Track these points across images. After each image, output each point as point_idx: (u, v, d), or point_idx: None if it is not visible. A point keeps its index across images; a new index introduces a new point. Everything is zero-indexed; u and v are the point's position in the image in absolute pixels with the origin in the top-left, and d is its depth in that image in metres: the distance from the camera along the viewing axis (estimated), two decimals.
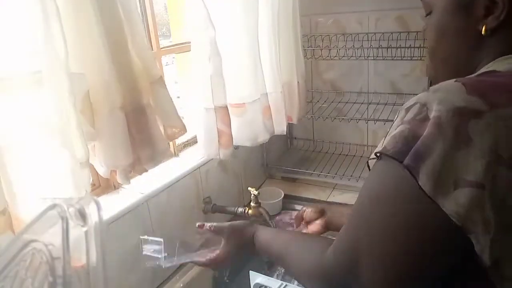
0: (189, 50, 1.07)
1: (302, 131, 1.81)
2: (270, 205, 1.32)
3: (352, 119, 1.55)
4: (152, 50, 1.07)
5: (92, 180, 1.00)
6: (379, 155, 0.49)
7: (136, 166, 0.85)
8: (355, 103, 1.64)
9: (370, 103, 1.61)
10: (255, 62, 1.17)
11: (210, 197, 1.24)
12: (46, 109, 0.67)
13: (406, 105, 0.49)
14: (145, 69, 0.84)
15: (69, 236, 0.47)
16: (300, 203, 1.40)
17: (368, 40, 1.48)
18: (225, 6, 1.09)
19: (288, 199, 1.42)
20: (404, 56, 1.39)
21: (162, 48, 1.11)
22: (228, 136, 1.12)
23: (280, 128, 1.36)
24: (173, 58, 1.38)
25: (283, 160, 1.72)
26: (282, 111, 1.35)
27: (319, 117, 1.64)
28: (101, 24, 0.72)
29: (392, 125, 0.50)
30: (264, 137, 1.26)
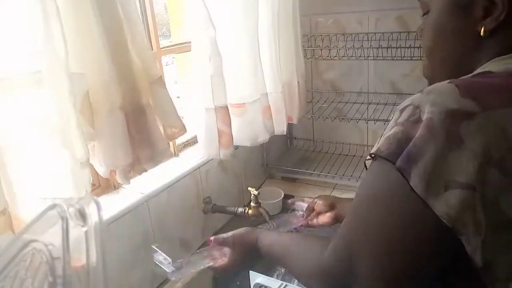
0: (189, 50, 1.07)
1: (302, 131, 1.81)
2: (270, 205, 1.32)
3: (352, 119, 1.55)
4: (152, 50, 1.07)
5: (92, 180, 1.00)
6: (374, 156, 0.49)
7: (135, 166, 0.85)
8: (355, 103, 1.64)
9: (370, 103, 1.61)
10: (255, 62, 1.17)
11: (210, 197, 1.24)
12: (46, 109, 0.67)
13: (400, 106, 0.49)
14: (144, 69, 0.84)
15: (69, 236, 0.46)
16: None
17: (368, 40, 1.48)
18: (225, 6, 1.09)
19: (288, 199, 1.41)
20: (404, 56, 1.39)
21: (162, 48, 1.11)
22: (229, 136, 1.12)
23: (280, 128, 1.36)
24: (173, 58, 1.38)
25: (283, 160, 1.72)
26: (282, 111, 1.35)
27: (319, 117, 1.64)
28: (101, 24, 0.72)
29: (387, 126, 0.50)
30: (264, 137, 1.26)
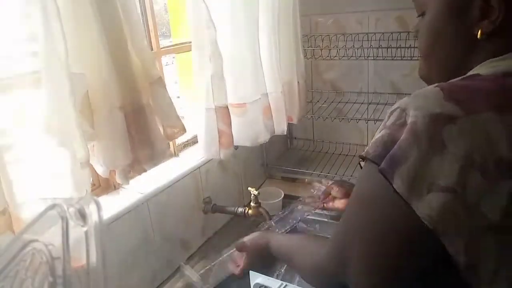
0: (189, 50, 1.07)
1: (302, 131, 1.81)
2: (270, 205, 1.32)
3: (352, 119, 1.54)
4: (152, 50, 1.07)
5: (92, 180, 1.00)
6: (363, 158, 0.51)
7: (135, 166, 0.85)
8: (355, 103, 1.64)
9: (370, 103, 1.61)
10: (255, 62, 1.17)
11: (210, 197, 1.24)
12: (46, 109, 0.67)
13: (391, 109, 0.50)
14: (144, 69, 0.83)
15: (69, 236, 0.46)
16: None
17: (368, 40, 1.48)
18: (225, 6, 1.09)
19: (288, 199, 1.42)
20: (404, 56, 1.38)
21: (162, 48, 1.11)
22: (229, 136, 1.12)
23: (281, 128, 1.36)
24: (173, 58, 1.38)
25: (283, 160, 1.72)
26: (282, 111, 1.34)
27: (319, 117, 1.64)
28: (100, 24, 0.72)
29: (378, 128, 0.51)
30: (264, 137, 1.26)
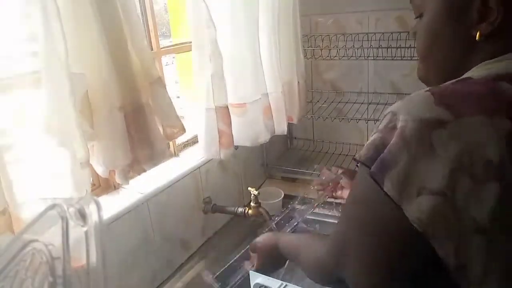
0: (189, 50, 1.07)
1: (302, 131, 1.81)
2: (270, 205, 1.32)
3: (352, 119, 1.54)
4: (152, 50, 1.07)
5: (92, 180, 1.00)
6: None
7: (135, 166, 0.85)
8: (355, 103, 1.64)
9: (370, 103, 1.61)
10: (255, 62, 1.17)
11: (210, 197, 1.24)
12: (46, 109, 0.67)
13: (385, 113, 0.50)
14: (144, 69, 0.83)
15: (69, 236, 0.46)
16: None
17: (368, 40, 1.48)
18: (225, 6, 1.09)
19: (288, 199, 1.42)
20: (404, 56, 1.38)
21: (162, 48, 1.11)
22: (229, 136, 1.12)
23: (281, 128, 1.36)
24: (173, 58, 1.38)
25: (283, 160, 1.72)
26: (282, 111, 1.34)
27: (319, 117, 1.64)
28: (100, 24, 0.72)
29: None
30: (265, 137, 1.26)
